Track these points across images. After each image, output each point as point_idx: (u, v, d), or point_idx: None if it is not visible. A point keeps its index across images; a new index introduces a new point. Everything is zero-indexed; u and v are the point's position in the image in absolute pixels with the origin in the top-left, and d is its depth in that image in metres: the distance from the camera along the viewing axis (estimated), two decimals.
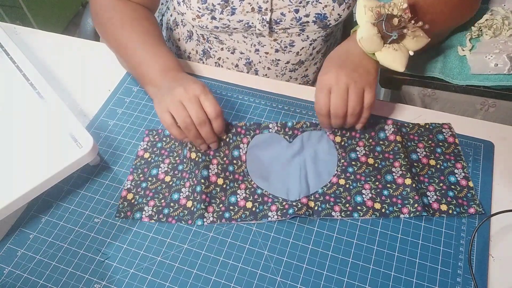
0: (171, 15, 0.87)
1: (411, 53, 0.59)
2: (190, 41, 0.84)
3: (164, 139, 0.66)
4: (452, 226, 0.56)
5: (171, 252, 0.56)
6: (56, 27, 1.90)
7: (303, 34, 0.75)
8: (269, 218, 0.57)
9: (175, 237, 0.57)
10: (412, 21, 0.59)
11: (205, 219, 0.58)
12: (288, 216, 0.57)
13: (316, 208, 0.58)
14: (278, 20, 0.72)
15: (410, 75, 0.76)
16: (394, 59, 0.60)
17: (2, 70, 0.69)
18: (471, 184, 0.59)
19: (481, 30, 0.74)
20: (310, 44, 0.78)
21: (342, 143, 0.63)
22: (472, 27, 0.74)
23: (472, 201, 0.58)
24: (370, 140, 0.63)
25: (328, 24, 0.72)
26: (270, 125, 0.65)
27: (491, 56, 0.69)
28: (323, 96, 0.58)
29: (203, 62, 0.85)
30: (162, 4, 0.93)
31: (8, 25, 0.84)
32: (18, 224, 0.60)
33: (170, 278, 0.54)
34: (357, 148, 0.62)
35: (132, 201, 0.60)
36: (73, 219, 0.60)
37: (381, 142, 0.63)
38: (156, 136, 0.67)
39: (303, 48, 0.78)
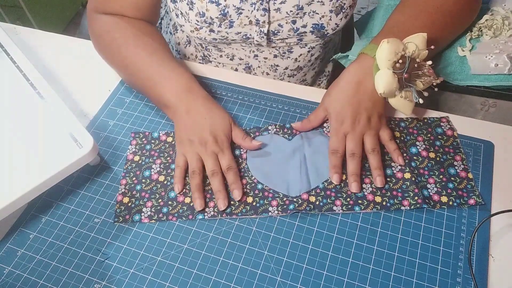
0: (170, 19, 0.87)
1: (421, 101, 0.60)
2: (189, 46, 0.84)
3: (153, 141, 0.66)
4: (452, 226, 0.56)
5: (171, 252, 0.56)
6: (56, 27, 1.90)
7: (301, 43, 0.75)
8: (270, 213, 0.57)
9: (175, 237, 0.57)
10: (428, 67, 0.60)
11: (205, 213, 0.58)
12: (288, 211, 0.57)
13: (317, 203, 0.58)
14: (275, 32, 0.72)
15: None
16: (404, 105, 0.62)
17: (2, 70, 0.69)
18: (470, 175, 0.60)
19: (481, 30, 0.74)
20: (309, 51, 0.78)
21: None
22: (472, 28, 0.74)
23: (471, 192, 0.58)
24: None
25: (325, 33, 0.72)
26: (270, 127, 0.66)
27: (491, 56, 0.69)
28: (339, 140, 0.60)
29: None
30: (160, 7, 0.93)
31: (8, 25, 0.84)
32: (18, 224, 0.60)
33: (170, 278, 0.54)
34: None
35: (129, 204, 0.60)
36: (73, 219, 0.60)
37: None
38: (143, 139, 0.66)
39: (301, 55, 0.78)
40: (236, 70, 0.83)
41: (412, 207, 0.57)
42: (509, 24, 0.73)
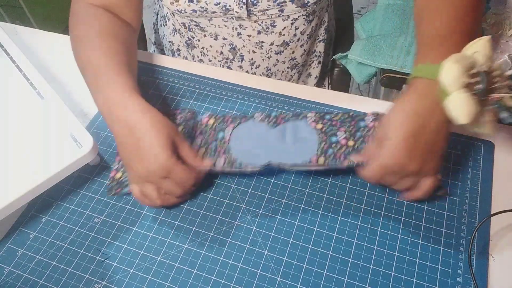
0: (160, 11, 0.88)
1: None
2: (175, 34, 0.84)
3: None
4: (452, 226, 0.56)
5: (171, 252, 0.56)
6: (56, 27, 1.89)
7: (283, 15, 0.75)
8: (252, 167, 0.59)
9: (175, 237, 0.57)
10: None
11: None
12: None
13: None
14: (254, 2, 0.71)
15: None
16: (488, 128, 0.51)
17: (2, 70, 0.69)
18: None
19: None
20: (292, 24, 0.77)
21: (324, 129, 0.64)
22: None
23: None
24: (351, 128, 0.64)
25: (306, 2, 0.72)
26: (256, 115, 0.66)
27: None
28: (391, 177, 0.53)
29: (189, 54, 0.85)
30: (156, 3, 0.93)
31: (8, 25, 0.84)
32: (18, 224, 0.60)
33: (170, 278, 0.54)
34: (338, 133, 0.64)
35: (121, 179, 0.61)
36: (73, 219, 0.60)
37: (361, 129, 0.64)
38: None
39: (285, 28, 0.77)
40: (222, 53, 0.82)
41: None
42: (510, 24, 0.73)
